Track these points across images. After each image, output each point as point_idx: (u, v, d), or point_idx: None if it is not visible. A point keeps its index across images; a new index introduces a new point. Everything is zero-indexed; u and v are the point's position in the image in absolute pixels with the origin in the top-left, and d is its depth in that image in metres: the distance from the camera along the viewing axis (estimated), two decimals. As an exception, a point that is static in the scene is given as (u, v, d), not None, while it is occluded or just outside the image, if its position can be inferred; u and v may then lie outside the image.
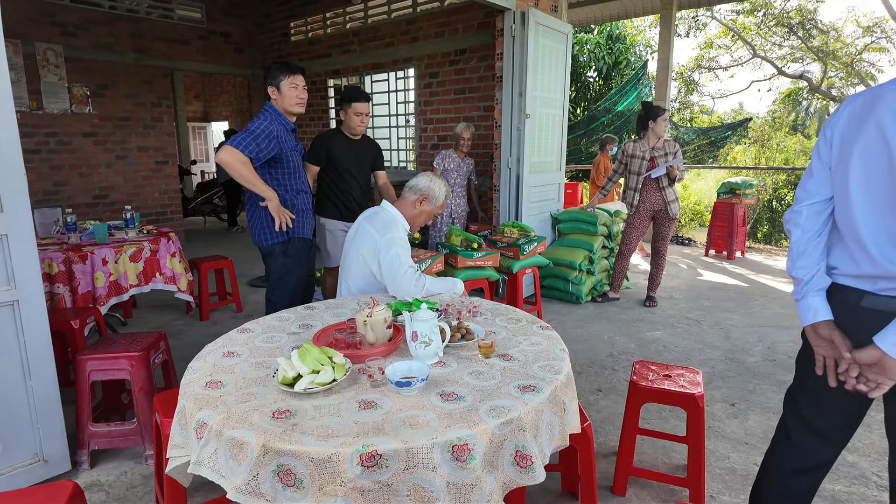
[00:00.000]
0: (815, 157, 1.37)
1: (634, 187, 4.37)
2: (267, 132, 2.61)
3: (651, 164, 4.31)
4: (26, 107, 5.88)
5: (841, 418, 1.44)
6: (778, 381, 3.13)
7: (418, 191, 2.45)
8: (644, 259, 6.47)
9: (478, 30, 5.77)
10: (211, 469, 1.23)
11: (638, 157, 4.33)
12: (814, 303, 1.34)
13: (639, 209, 4.41)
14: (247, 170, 2.56)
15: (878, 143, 1.19)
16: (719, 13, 15.25)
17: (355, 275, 2.38)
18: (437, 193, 2.46)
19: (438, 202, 2.48)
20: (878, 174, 1.20)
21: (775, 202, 9.60)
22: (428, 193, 2.45)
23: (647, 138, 4.35)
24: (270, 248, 2.77)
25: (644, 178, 4.33)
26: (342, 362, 1.46)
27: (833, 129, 1.31)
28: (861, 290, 1.29)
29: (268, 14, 8.12)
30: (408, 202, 2.46)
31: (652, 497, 2.11)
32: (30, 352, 2.10)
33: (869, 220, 1.24)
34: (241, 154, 2.53)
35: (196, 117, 13.70)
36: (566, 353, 1.63)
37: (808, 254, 1.36)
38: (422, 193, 2.44)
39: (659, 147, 4.32)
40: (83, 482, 2.19)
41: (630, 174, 4.40)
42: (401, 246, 2.28)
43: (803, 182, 1.39)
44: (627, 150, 4.40)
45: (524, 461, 1.25)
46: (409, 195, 2.46)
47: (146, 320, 4.22)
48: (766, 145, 10.98)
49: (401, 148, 7.20)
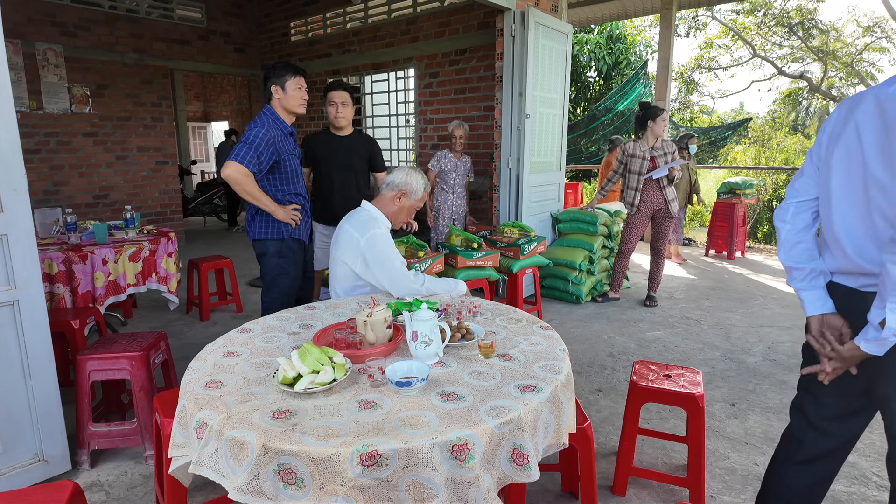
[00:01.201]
0: (808, 157, 1.43)
1: (635, 187, 4.37)
2: (266, 139, 2.57)
3: (651, 164, 4.32)
4: (26, 107, 5.88)
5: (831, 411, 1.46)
6: (778, 381, 3.13)
7: (395, 186, 2.39)
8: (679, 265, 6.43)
9: (478, 30, 5.77)
10: (212, 469, 1.23)
11: (638, 157, 4.33)
12: (818, 294, 1.39)
13: (640, 209, 4.42)
14: (251, 184, 2.55)
15: (855, 144, 1.25)
16: (719, 13, 15.25)
17: (342, 278, 2.33)
18: (415, 187, 2.40)
19: (418, 195, 2.42)
20: (855, 173, 1.27)
21: (775, 202, 9.58)
22: (406, 188, 2.39)
23: (645, 138, 4.36)
24: (264, 246, 2.74)
25: (645, 178, 4.33)
26: (342, 362, 1.46)
27: (824, 130, 1.37)
28: (847, 287, 1.36)
29: (268, 14, 8.12)
30: (386, 199, 2.41)
31: (652, 497, 2.11)
32: (30, 352, 2.10)
33: (847, 218, 1.30)
34: (244, 168, 2.51)
35: (196, 117, 13.70)
36: (566, 353, 1.63)
37: (802, 244, 1.42)
38: (399, 189, 2.39)
39: (658, 147, 4.33)
40: (83, 482, 2.19)
41: (630, 174, 4.40)
42: (385, 243, 2.23)
43: (793, 180, 1.47)
44: (627, 150, 4.40)
45: (521, 459, 1.26)
46: (387, 192, 2.41)
47: (146, 320, 4.22)
48: (766, 145, 10.98)
49: (401, 148, 7.20)
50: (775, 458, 1.61)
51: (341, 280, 2.34)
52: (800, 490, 1.54)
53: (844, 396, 1.43)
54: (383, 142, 7.48)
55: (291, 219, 2.68)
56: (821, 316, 1.38)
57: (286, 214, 2.66)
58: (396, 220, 2.45)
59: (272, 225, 2.71)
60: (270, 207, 2.62)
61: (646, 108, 4.38)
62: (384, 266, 2.20)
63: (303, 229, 2.84)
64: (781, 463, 1.57)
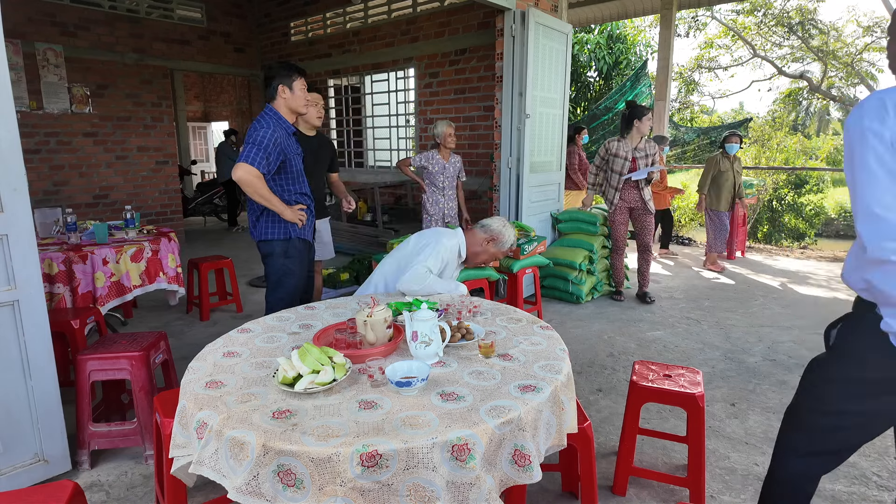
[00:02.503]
0: (876, 163, 1.15)
1: (615, 186, 4.54)
2: (273, 140, 2.56)
3: (633, 165, 4.47)
4: (26, 107, 5.88)
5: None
6: (778, 381, 3.13)
7: (490, 231, 2.55)
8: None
9: (478, 30, 5.77)
10: (212, 469, 1.23)
11: (621, 158, 4.48)
12: None
13: (619, 206, 4.60)
14: (262, 186, 2.54)
15: None
16: (719, 13, 15.26)
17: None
18: (505, 239, 2.55)
19: (504, 248, 2.57)
20: None
21: (775, 202, 9.60)
22: (498, 237, 2.54)
23: (630, 137, 4.50)
24: (270, 247, 2.74)
25: (623, 179, 4.50)
26: (342, 362, 1.46)
27: (892, 129, 1.13)
28: None
29: (268, 14, 8.12)
30: (478, 238, 2.56)
31: (652, 497, 2.11)
32: (30, 352, 2.10)
33: None
34: (256, 169, 2.50)
35: (196, 117, 13.70)
36: (566, 353, 1.64)
37: None
38: (492, 234, 2.54)
39: (641, 148, 4.48)
40: (83, 482, 2.19)
41: (612, 173, 4.55)
42: (440, 249, 2.39)
43: (878, 196, 1.15)
44: (611, 149, 4.52)
45: (522, 460, 1.26)
46: (480, 233, 2.56)
47: (146, 320, 4.22)
48: (766, 145, 10.98)
49: (401, 148, 7.20)
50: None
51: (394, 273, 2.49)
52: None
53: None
54: (383, 142, 7.49)
55: (298, 219, 2.68)
56: None
57: (294, 215, 2.66)
58: (473, 260, 2.60)
59: (278, 225, 2.70)
60: (279, 208, 2.61)
61: (632, 107, 4.51)
62: (419, 254, 2.38)
63: (307, 229, 2.84)
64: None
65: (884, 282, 1.17)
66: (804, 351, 3.59)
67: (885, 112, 1.13)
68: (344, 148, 7.95)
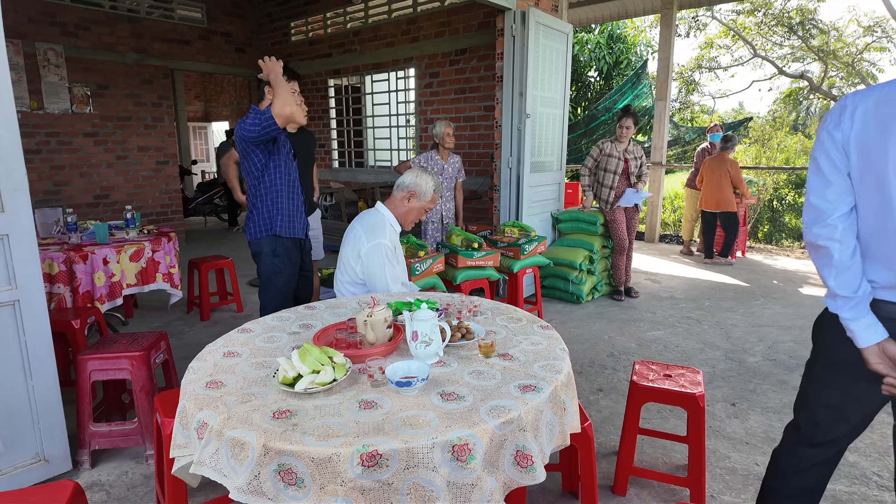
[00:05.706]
0: (827, 163, 1.26)
1: (611, 185, 4.66)
2: None
3: (625, 164, 4.62)
4: (27, 107, 5.88)
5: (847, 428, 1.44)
6: (779, 381, 3.13)
7: (405, 188, 2.47)
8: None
9: (478, 29, 5.77)
10: (213, 469, 1.23)
11: (615, 157, 4.61)
12: (869, 321, 1.25)
13: (613, 205, 4.71)
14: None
15: None
16: (719, 13, 15.24)
17: (345, 274, 2.44)
18: (424, 189, 2.46)
19: (427, 197, 2.48)
20: None
21: (776, 202, 9.59)
22: (415, 189, 2.46)
23: (620, 139, 4.66)
24: (259, 245, 2.72)
25: (618, 178, 4.63)
26: (342, 362, 1.46)
27: (844, 132, 1.22)
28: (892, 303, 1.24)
29: (268, 14, 8.12)
30: (397, 200, 2.49)
31: (652, 497, 2.11)
32: (31, 352, 2.10)
33: None
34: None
35: (197, 117, 13.71)
36: (566, 353, 1.63)
37: (854, 268, 1.25)
38: (409, 190, 2.46)
39: (630, 150, 4.66)
40: (84, 482, 2.20)
41: (606, 173, 4.66)
42: (382, 257, 2.32)
43: (820, 191, 1.27)
44: (605, 150, 4.66)
45: (525, 461, 1.25)
46: (398, 193, 2.49)
47: (146, 320, 4.23)
48: (766, 145, 10.97)
49: (401, 148, 7.20)
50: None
51: (345, 275, 2.44)
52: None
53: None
54: (384, 141, 7.49)
55: (269, 65, 2.64)
56: (878, 345, 1.25)
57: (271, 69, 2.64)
58: (406, 222, 2.52)
59: (265, 224, 2.69)
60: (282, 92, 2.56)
61: (622, 111, 4.69)
62: (372, 280, 2.36)
63: (297, 227, 2.81)
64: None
65: (818, 264, 1.31)
66: (805, 351, 3.58)
67: (842, 115, 1.24)
68: (344, 148, 7.95)
